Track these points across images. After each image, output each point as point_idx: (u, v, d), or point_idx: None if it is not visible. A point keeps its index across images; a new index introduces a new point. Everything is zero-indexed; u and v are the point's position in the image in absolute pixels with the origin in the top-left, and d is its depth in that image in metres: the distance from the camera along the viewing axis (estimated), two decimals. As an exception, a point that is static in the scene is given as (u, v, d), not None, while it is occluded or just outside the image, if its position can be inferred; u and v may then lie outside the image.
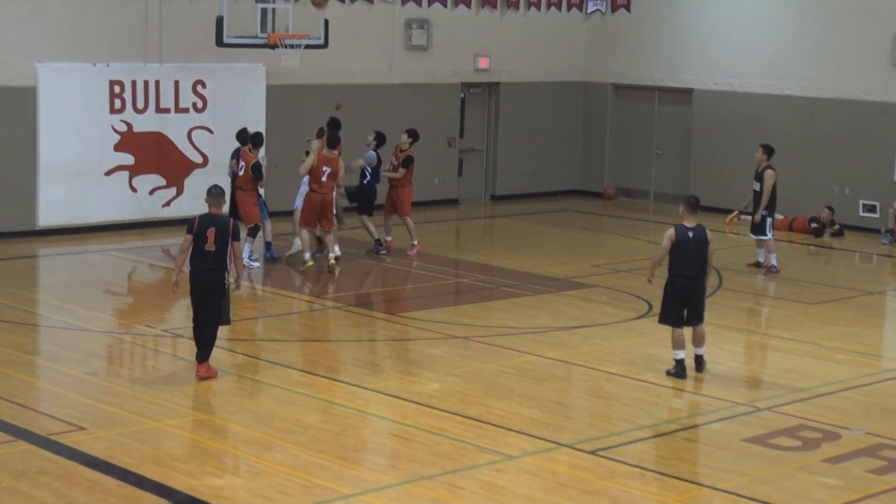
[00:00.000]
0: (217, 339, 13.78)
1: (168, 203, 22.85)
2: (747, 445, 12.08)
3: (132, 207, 22.54)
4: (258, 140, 19.48)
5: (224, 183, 17.33)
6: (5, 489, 10.41)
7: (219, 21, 20.55)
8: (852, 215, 24.51)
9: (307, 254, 19.45)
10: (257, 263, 19.58)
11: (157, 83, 22.50)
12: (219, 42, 20.70)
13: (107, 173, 22.20)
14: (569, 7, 27.94)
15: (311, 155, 19.37)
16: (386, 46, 25.43)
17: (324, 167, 19.16)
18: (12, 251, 20.52)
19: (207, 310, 13.59)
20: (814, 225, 24.06)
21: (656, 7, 27.50)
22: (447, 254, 21.80)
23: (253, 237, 19.47)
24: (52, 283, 19.07)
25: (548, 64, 27.93)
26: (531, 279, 19.50)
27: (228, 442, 11.96)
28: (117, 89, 22.11)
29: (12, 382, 13.38)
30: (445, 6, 26.07)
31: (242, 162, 19.28)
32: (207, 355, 13.66)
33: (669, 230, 14.20)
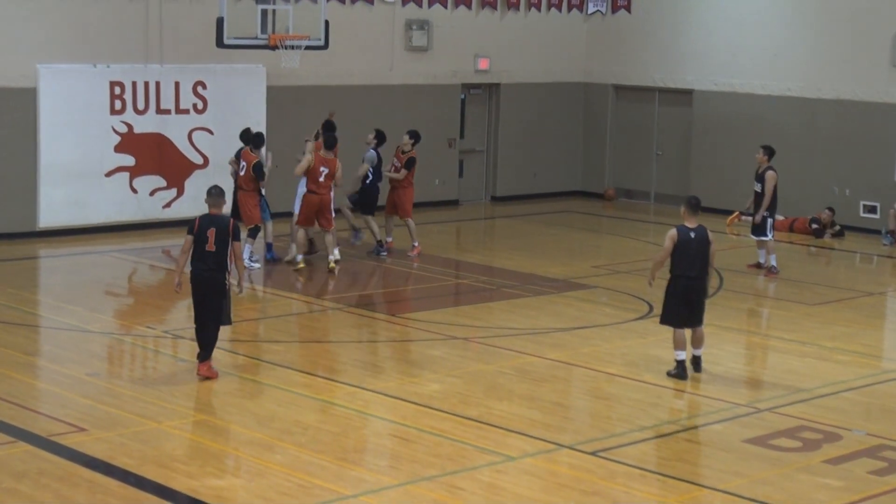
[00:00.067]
0: (218, 340, 13.80)
1: (168, 204, 22.85)
2: (748, 446, 12.08)
3: (133, 208, 22.55)
4: (259, 140, 19.49)
5: (225, 183, 17.31)
6: (6, 490, 10.41)
7: (219, 22, 20.55)
8: (853, 216, 24.50)
9: (299, 255, 19.51)
10: (258, 265, 19.59)
11: (158, 84, 22.51)
12: (219, 43, 20.70)
13: (107, 174, 22.21)
14: (569, 8, 27.93)
15: (308, 155, 19.38)
16: (386, 47, 25.43)
17: (321, 168, 19.18)
18: (13, 252, 20.52)
19: (208, 310, 13.61)
20: (814, 226, 24.05)
21: (657, 8, 27.49)
22: (447, 255, 21.79)
23: (253, 238, 19.46)
24: (53, 284, 19.07)
25: (548, 65, 27.92)
26: (531, 280, 19.49)
27: (229, 443, 11.96)
28: (118, 90, 22.12)
29: (13, 383, 13.38)
30: (446, 7, 26.07)
31: (244, 162, 19.29)
32: (209, 355, 13.68)
33: (671, 231, 14.19)
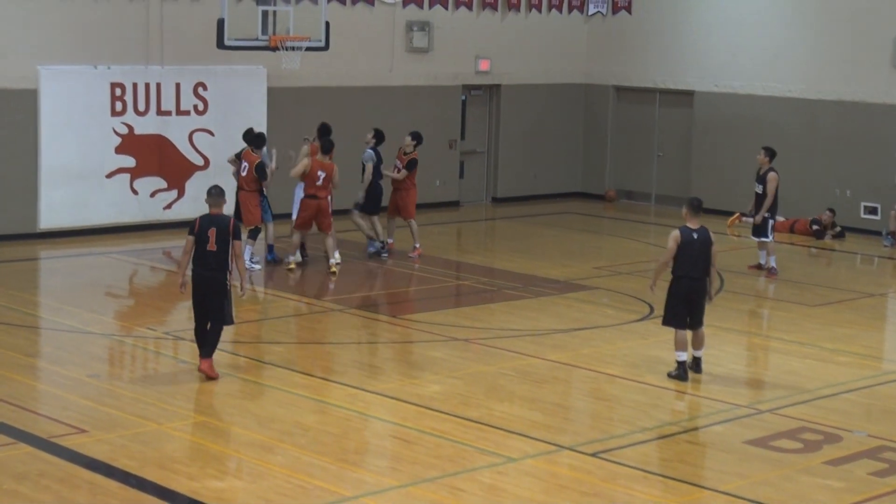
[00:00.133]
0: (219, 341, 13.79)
1: (169, 205, 22.85)
2: (749, 447, 12.07)
3: (133, 210, 22.55)
4: (260, 141, 19.48)
5: (226, 184, 17.29)
6: (6, 492, 10.41)
7: (220, 23, 20.56)
8: (854, 217, 24.49)
9: (291, 256, 19.52)
10: (258, 266, 19.58)
11: (159, 86, 22.51)
12: (220, 44, 20.70)
13: (108, 176, 22.21)
14: (570, 9, 27.92)
15: (305, 159, 19.37)
16: (387, 48, 25.43)
17: (318, 172, 19.16)
18: (13, 253, 20.51)
19: (210, 310, 13.59)
20: (815, 227, 24.05)
21: (657, 9, 27.49)
22: (448, 256, 21.79)
23: (254, 239, 19.45)
24: (53, 286, 19.07)
25: (549, 66, 27.92)
26: (532, 281, 19.49)
27: (229, 444, 11.95)
28: (118, 92, 22.12)
29: (13, 385, 13.37)
30: (446, 8, 26.07)
31: (245, 162, 19.28)
32: (211, 352, 13.64)
33: (674, 232, 14.18)
